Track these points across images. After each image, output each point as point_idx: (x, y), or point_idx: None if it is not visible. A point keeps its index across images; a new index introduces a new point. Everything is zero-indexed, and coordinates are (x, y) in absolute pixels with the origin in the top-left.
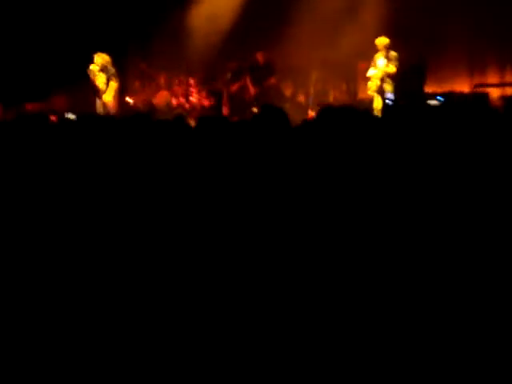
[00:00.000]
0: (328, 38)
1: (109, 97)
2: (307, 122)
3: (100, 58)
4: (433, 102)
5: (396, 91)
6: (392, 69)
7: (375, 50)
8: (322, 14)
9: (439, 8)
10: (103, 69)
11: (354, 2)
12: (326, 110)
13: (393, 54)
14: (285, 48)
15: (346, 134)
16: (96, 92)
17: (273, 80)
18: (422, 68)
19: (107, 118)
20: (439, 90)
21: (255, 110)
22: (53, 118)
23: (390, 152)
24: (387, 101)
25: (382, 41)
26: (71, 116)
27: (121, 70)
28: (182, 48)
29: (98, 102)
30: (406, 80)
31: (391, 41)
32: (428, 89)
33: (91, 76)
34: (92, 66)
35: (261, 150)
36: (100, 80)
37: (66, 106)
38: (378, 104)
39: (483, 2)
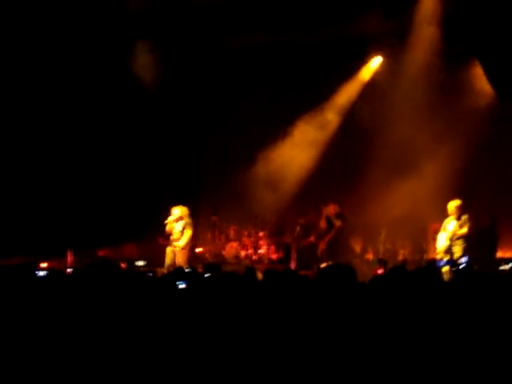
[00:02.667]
0: (399, 197)
1: (182, 243)
2: (375, 279)
3: (178, 209)
4: (506, 267)
5: (466, 254)
6: (463, 231)
7: (445, 212)
8: (394, 175)
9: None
10: (179, 219)
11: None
12: (394, 270)
13: (464, 216)
14: (355, 204)
15: (413, 294)
16: (169, 241)
17: (339, 224)
18: (493, 232)
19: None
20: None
21: (323, 265)
22: (123, 265)
23: (455, 317)
24: (461, 264)
25: (455, 203)
26: (141, 263)
27: (193, 221)
28: (252, 201)
29: (167, 250)
30: (477, 243)
31: (462, 203)
32: (501, 253)
33: (167, 227)
34: (169, 218)
35: (326, 304)
36: (175, 230)
37: (137, 254)
38: (446, 267)
39: None
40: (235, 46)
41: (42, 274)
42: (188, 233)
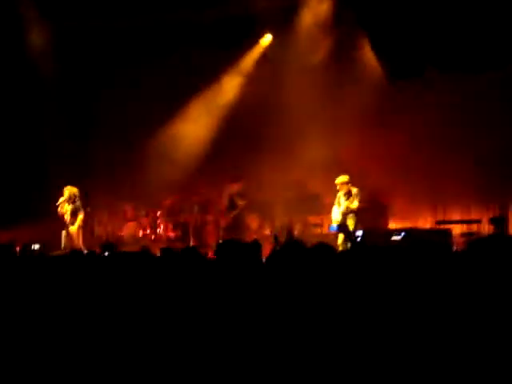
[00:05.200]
0: (292, 175)
1: (74, 227)
2: (273, 254)
3: (67, 191)
4: (396, 238)
5: (360, 228)
6: (354, 205)
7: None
8: (288, 150)
9: (401, 146)
10: (70, 201)
11: (317, 144)
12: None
13: (354, 190)
14: (251, 181)
15: (311, 267)
16: (64, 223)
17: (241, 202)
18: (383, 203)
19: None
20: (402, 226)
21: (221, 241)
22: (17, 248)
23: (354, 287)
24: (356, 238)
25: (342, 179)
26: (36, 247)
27: (88, 201)
28: (149, 180)
29: (63, 233)
30: (369, 215)
31: (353, 178)
32: (391, 224)
33: (59, 208)
34: (61, 199)
35: (230, 277)
36: (66, 211)
37: (31, 237)
38: (340, 240)
39: (447, 141)
40: (128, 25)
41: None
42: (80, 217)
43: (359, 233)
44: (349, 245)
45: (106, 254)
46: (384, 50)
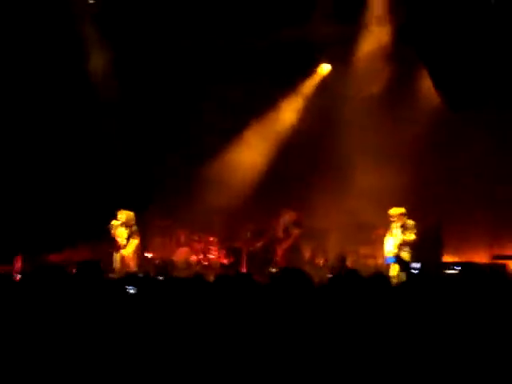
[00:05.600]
0: (345, 204)
1: (128, 252)
2: (329, 283)
3: (124, 215)
4: (451, 272)
5: (414, 260)
6: (410, 237)
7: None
8: (340, 181)
9: (458, 177)
10: (125, 225)
11: (371, 174)
12: (336, 278)
13: (410, 222)
14: (303, 211)
15: (364, 300)
16: (116, 246)
17: (297, 231)
18: (439, 237)
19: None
20: (457, 260)
21: (274, 270)
22: (73, 270)
23: (407, 321)
24: (412, 270)
25: (397, 210)
26: None
27: (142, 226)
28: (203, 206)
29: (115, 256)
30: (423, 249)
31: (408, 210)
32: (446, 258)
33: (112, 230)
34: (114, 222)
35: (283, 308)
36: (121, 235)
37: (87, 259)
38: (394, 272)
39: (506, 173)
40: (188, 48)
41: None
42: (134, 242)
43: (417, 265)
44: (404, 277)
45: (161, 278)
46: (443, 82)
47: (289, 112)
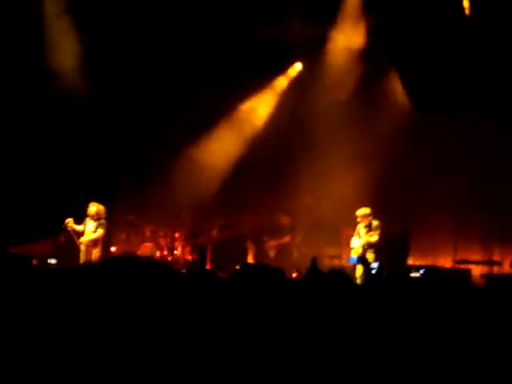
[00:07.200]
0: (312, 203)
1: (86, 239)
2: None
3: (96, 207)
4: (415, 275)
5: (378, 260)
6: (372, 237)
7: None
8: (311, 181)
9: (422, 180)
10: (95, 218)
11: (340, 173)
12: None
13: (375, 222)
14: (268, 210)
15: (326, 298)
16: (79, 238)
17: (286, 239)
18: (405, 240)
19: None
20: (422, 263)
21: (237, 267)
22: (34, 262)
23: (367, 321)
24: (372, 270)
25: (363, 211)
26: (53, 261)
27: (108, 220)
28: (170, 202)
29: (82, 248)
30: (389, 251)
31: (375, 210)
32: (411, 261)
33: (68, 228)
34: (69, 219)
35: (245, 304)
36: (88, 227)
37: (49, 252)
38: (359, 272)
39: (472, 178)
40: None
41: None
42: (100, 232)
43: (375, 265)
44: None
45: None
46: (411, 84)
47: (261, 109)
